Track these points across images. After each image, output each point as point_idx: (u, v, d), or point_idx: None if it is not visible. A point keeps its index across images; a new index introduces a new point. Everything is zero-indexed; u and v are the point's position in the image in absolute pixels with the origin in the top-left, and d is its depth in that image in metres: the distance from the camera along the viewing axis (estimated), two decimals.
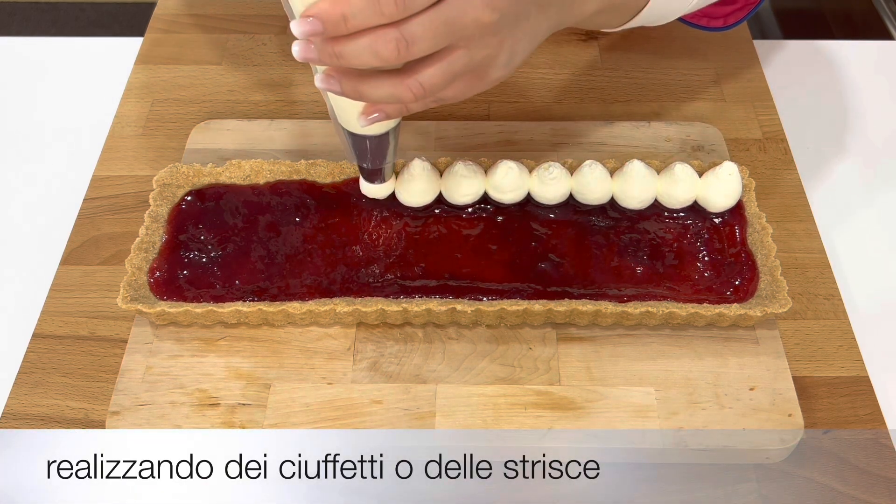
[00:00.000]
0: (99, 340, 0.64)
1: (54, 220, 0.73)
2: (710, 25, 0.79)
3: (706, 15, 0.79)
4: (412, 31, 0.48)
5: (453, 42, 0.50)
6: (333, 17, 0.47)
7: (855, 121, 0.82)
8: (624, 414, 0.59)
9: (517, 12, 0.52)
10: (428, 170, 0.67)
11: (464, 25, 0.49)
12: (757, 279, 0.63)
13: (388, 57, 0.48)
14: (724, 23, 0.79)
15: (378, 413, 0.59)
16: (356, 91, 0.52)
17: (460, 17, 0.48)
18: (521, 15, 0.52)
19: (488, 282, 0.63)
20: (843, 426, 0.60)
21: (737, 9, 0.78)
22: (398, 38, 0.47)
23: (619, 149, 0.75)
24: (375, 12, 0.46)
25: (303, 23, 0.47)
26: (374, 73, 0.51)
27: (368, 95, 0.52)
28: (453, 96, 0.54)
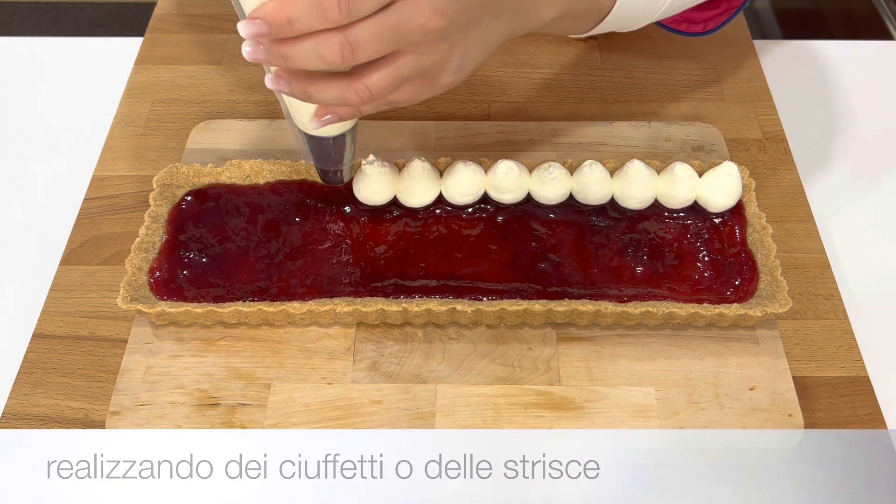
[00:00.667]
0: (99, 340, 0.64)
1: (54, 220, 0.73)
2: (689, 31, 0.79)
3: (686, 20, 0.78)
4: (357, 36, 0.48)
5: (401, 47, 0.50)
6: (279, 20, 0.47)
7: (855, 121, 0.82)
8: (624, 414, 0.59)
9: (468, 19, 0.51)
10: (428, 170, 0.67)
11: (410, 31, 0.49)
12: (757, 279, 0.63)
13: (333, 61, 0.48)
14: (704, 28, 0.79)
15: (378, 413, 0.59)
16: (304, 93, 0.52)
17: (407, 22, 0.48)
18: (472, 21, 0.52)
19: (488, 282, 0.63)
20: (843, 426, 0.60)
21: (717, 13, 0.78)
22: (343, 43, 0.47)
23: (619, 149, 0.75)
24: (319, 17, 0.47)
25: (249, 24, 0.48)
26: (323, 75, 0.51)
27: (316, 97, 0.52)
28: (404, 100, 0.54)
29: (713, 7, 0.78)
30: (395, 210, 0.67)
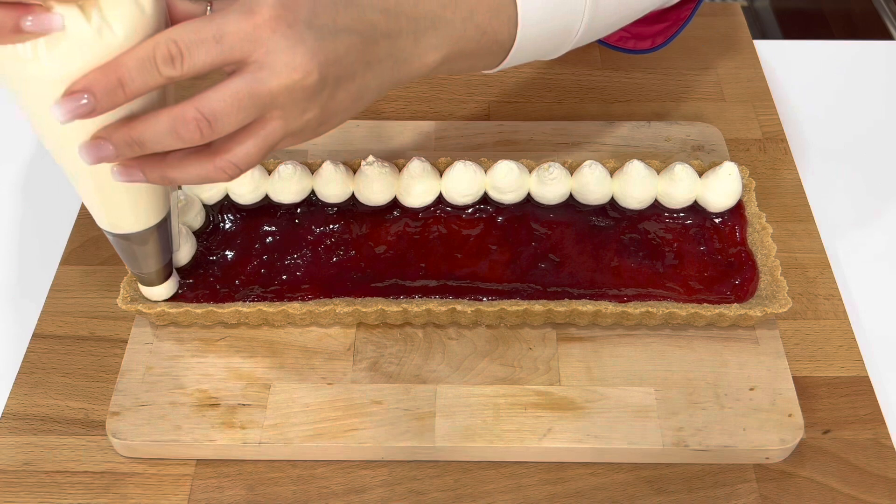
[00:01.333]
0: (99, 340, 0.64)
1: (54, 220, 0.73)
2: (637, 48, 0.78)
3: (634, 36, 0.77)
4: (212, 108, 0.43)
5: (263, 113, 0.45)
6: (109, 85, 0.42)
7: (855, 121, 0.82)
8: (624, 414, 0.59)
9: (337, 74, 0.46)
10: (428, 170, 0.67)
11: (272, 94, 0.44)
12: (757, 279, 0.63)
13: (192, 139, 0.43)
14: (653, 44, 0.77)
15: (378, 413, 0.59)
16: (163, 178, 0.46)
17: (266, 85, 0.43)
18: (342, 76, 0.46)
19: (488, 282, 0.63)
20: (843, 426, 0.60)
21: (666, 27, 0.76)
22: (198, 119, 0.43)
23: (619, 149, 0.75)
24: (152, 73, 0.42)
25: (69, 101, 0.42)
26: (180, 154, 0.46)
27: (178, 180, 0.47)
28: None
29: (661, 20, 0.76)
30: (395, 210, 0.67)
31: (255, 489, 0.57)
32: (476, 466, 0.58)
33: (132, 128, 0.44)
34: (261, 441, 0.57)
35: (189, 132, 0.43)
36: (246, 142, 0.45)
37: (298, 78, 0.44)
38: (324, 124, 0.48)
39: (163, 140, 0.44)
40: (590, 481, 0.57)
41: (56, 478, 0.57)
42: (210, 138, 0.44)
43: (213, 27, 0.42)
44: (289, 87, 0.44)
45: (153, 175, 0.46)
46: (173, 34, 0.42)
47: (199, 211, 0.66)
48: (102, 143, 0.44)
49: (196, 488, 0.57)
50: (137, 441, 0.57)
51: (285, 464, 0.58)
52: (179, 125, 0.43)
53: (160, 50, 0.42)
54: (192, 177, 0.46)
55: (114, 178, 0.47)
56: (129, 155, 0.45)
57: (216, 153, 0.46)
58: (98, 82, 0.42)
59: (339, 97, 0.47)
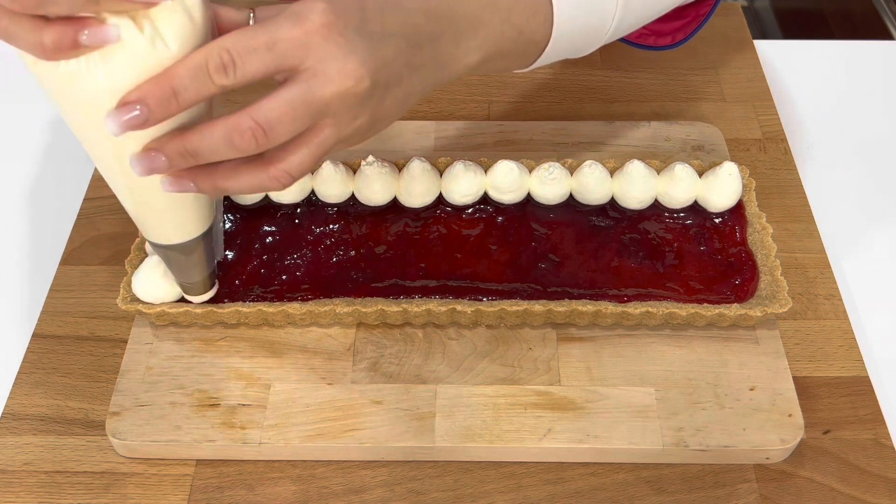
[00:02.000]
0: (99, 340, 0.64)
1: (54, 220, 0.73)
2: (657, 44, 0.78)
3: (653, 33, 0.77)
4: (267, 118, 0.43)
5: (316, 121, 0.45)
6: (162, 95, 0.42)
7: (855, 121, 0.82)
8: (624, 414, 0.59)
9: (387, 79, 0.46)
10: (428, 170, 0.67)
11: (325, 102, 0.44)
12: (757, 279, 0.63)
13: (247, 148, 0.43)
14: (673, 40, 0.77)
15: (378, 413, 0.59)
16: (216, 188, 0.46)
17: (319, 92, 0.43)
18: (391, 81, 0.46)
19: (488, 282, 0.63)
20: (843, 426, 0.60)
21: (685, 23, 0.77)
22: (253, 128, 0.43)
23: (619, 149, 0.75)
24: (205, 82, 0.42)
25: (123, 112, 0.41)
26: (234, 165, 0.46)
27: (231, 191, 0.47)
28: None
29: (681, 17, 0.76)
30: (395, 210, 0.67)
31: (255, 489, 0.57)
32: (476, 466, 0.58)
33: (186, 138, 0.44)
34: (261, 441, 0.57)
35: (245, 142, 0.43)
36: (299, 150, 0.45)
37: (351, 85, 0.44)
38: (372, 129, 0.48)
39: (218, 150, 0.44)
40: (590, 481, 0.57)
41: (56, 478, 0.57)
42: (265, 147, 0.44)
43: (265, 35, 0.42)
44: (342, 94, 0.44)
45: (205, 185, 0.46)
46: (225, 43, 0.42)
47: None
48: (155, 154, 0.44)
49: (196, 488, 0.57)
50: (137, 441, 0.57)
51: (285, 464, 0.58)
52: (235, 135, 0.43)
53: (213, 59, 0.42)
54: (244, 186, 0.46)
55: (164, 188, 0.46)
56: (181, 166, 0.45)
57: (270, 162, 0.46)
58: (151, 93, 0.42)
59: (387, 102, 0.47)
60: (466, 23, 0.50)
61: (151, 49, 0.42)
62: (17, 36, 0.40)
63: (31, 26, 0.39)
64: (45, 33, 0.39)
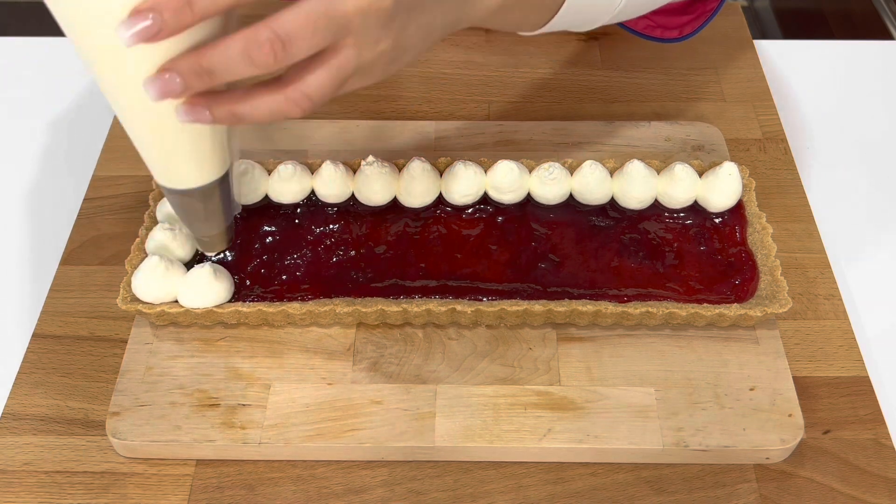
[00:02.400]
0: (99, 340, 0.64)
1: (54, 220, 0.73)
2: (664, 37, 0.78)
3: (661, 26, 0.77)
4: (286, 29, 0.41)
5: (337, 38, 0.42)
6: (176, 4, 0.39)
7: (855, 121, 0.82)
8: (624, 414, 0.59)
9: (411, 2, 0.44)
10: (428, 170, 0.67)
11: (346, 16, 0.42)
12: (757, 279, 0.63)
13: (265, 62, 0.41)
14: (680, 33, 0.78)
15: (378, 413, 0.59)
16: (232, 114, 0.44)
17: (340, 5, 0.41)
18: (414, 6, 0.45)
19: (488, 282, 0.63)
20: (843, 426, 0.60)
21: (692, 18, 0.77)
22: (272, 40, 0.40)
23: (619, 149, 0.75)
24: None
25: (135, 20, 0.39)
26: (248, 89, 0.44)
27: (248, 117, 0.44)
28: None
29: (688, 12, 0.77)
30: (395, 210, 0.67)
31: (255, 489, 0.57)
32: (476, 466, 0.58)
33: (201, 55, 0.41)
34: (261, 441, 0.57)
35: (263, 55, 0.41)
36: (317, 70, 0.43)
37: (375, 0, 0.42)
38: (394, 61, 0.46)
39: (235, 66, 0.41)
40: (590, 481, 0.57)
41: (56, 478, 0.57)
42: (283, 63, 0.42)
43: None
44: (364, 8, 0.42)
45: (220, 112, 0.44)
46: None
47: None
48: (169, 74, 0.42)
49: (196, 488, 0.57)
50: (137, 441, 0.57)
51: (285, 464, 0.58)
52: (253, 48, 0.41)
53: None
54: (262, 112, 0.44)
55: (179, 117, 0.44)
56: (197, 87, 0.42)
57: (287, 83, 0.43)
58: (164, 1, 0.39)
59: (410, 30, 0.45)
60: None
61: None
62: None
63: None
64: None
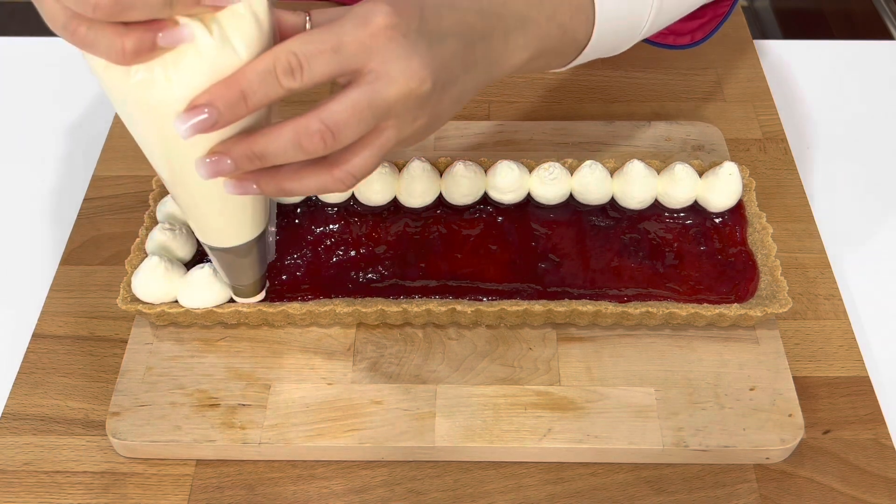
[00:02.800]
0: (99, 340, 0.64)
1: (54, 220, 0.73)
2: (676, 43, 0.78)
3: (672, 32, 0.78)
4: (335, 120, 0.43)
5: (379, 122, 0.45)
6: (231, 98, 0.42)
7: (855, 121, 0.82)
8: (624, 414, 0.59)
9: (445, 79, 0.47)
10: (428, 170, 0.67)
11: (389, 103, 0.44)
12: (757, 279, 0.63)
13: (315, 150, 0.44)
14: (691, 39, 0.78)
15: (378, 413, 0.59)
16: (280, 190, 0.47)
17: (384, 94, 0.44)
18: (448, 81, 0.47)
19: (488, 282, 0.63)
20: (843, 426, 0.60)
21: (703, 23, 0.77)
22: (322, 131, 0.43)
23: (619, 149, 0.75)
24: (273, 85, 0.42)
25: (192, 114, 0.42)
26: (298, 168, 0.46)
27: (295, 192, 0.47)
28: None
29: (698, 16, 0.77)
30: (395, 210, 0.67)
31: (255, 489, 0.57)
32: (476, 466, 0.58)
33: (253, 141, 0.44)
34: (261, 441, 0.57)
35: (313, 144, 0.43)
36: (363, 152, 0.46)
37: (415, 86, 0.45)
38: (429, 129, 0.49)
39: (285, 153, 0.44)
40: (590, 481, 0.57)
41: (56, 478, 0.57)
42: (332, 149, 0.44)
43: (331, 38, 0.43)
44: (405, 95, 0.44)
45: (268, 187, 0.46)
46: (292, 46, 0.42)
47: None
48: (221, 157, 0.44)
49: (196, 488, 0.57)
50: (137, 441, 0.57)
51: (285, 464, 0.58)
52: (304, 137, 0.43)
53: (280, 62, 0.42)
54: (308, 188, 0.46)
55: (227, 191, 0.46)
56: (247, 168, 0.45)
57: (334, 165, 0.46)
58: (221, 96, 0.42)
59: (444, 102, 0.48)
60: (515, 21, 0.51)
61: (220, 52, 0.42)
62: (96, 43, 0.40)
63: (111, 33, 0.40)
64: (126, 39, 0.40)
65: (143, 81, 0.42)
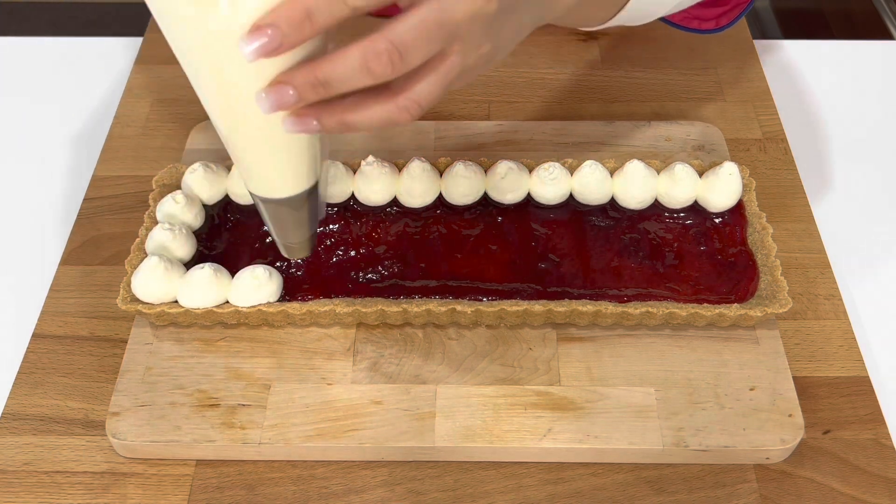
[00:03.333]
0: (99, 340, 0.64)
1: (54, 220, 0.73)
2: (701, 28, 0.79)
3: (697, 17, 0.78)
4: (403, 40, 0.41)
5: (446, 45, 0.43)
6: (296, 17, 0.40)
7: (855, 121, 0.82)
8: (624, 414, 0.59)
9: (508, 3, 0.45)
10: (428, 170, 0.67)
11: (457, 23, 0.42)
12: (757, 279, 0.63)
13: (383, 73, 0.41)
14: (716, 24, 0.78)
15: (378, 413, 0.59)
16: (342, 124, 0.44)
17: (452, 12, 0.42)
18: (509, 6, 0.45)
19: (488, 282, 0.63)
20: (844, 426, 0.60)
21: (728, 9, 0.78)
22: (390, 50, 0.41)
23: (619, 149, 0.75)
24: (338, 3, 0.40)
25: (256, 36, 0.40)
26: (360, 98, 0.44)
27: (358, 125, 0.44)
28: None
29: (722, 3, 0.77)
30: (395, 210, 0.67)
31: (255, 489, 0.57)
32: (476, 466, 0.58)
33: (317, 67, 0.41)
34: (261, 441, 0.57)
35: (381, 65, 0.41)
36: (428, 76, 0.43)
37: (482, 5, 0.43)
38: (490, 61, 0.47)
39: (352, 77, 0.41)
40: (590, 481, 0.57)
41: (56, 478, 0.57)
42: (399, 72, 0.42)
43: None
44: (473, 14, 0.43)
45: (330, 121, 0.44)
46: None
47: (199, 211, 0.66)
48: (283, 87, 0.42)
49: (196, 488, 0.57)
50: (137, 441, 0.57)
51: (285, 464, 0.58)
52: (371, 59, 0.41)
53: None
54: (372, 119, 0.44)
55: (287, 129, 0.44)
56: (311, 98, 0.42)
57: (398, 92, 0.43)
58: (285, 16, 0.40)
59: (505, 31, 0.46)
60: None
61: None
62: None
63: None
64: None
65: (206, 6, 0.40)
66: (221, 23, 0.40)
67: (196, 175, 0.67)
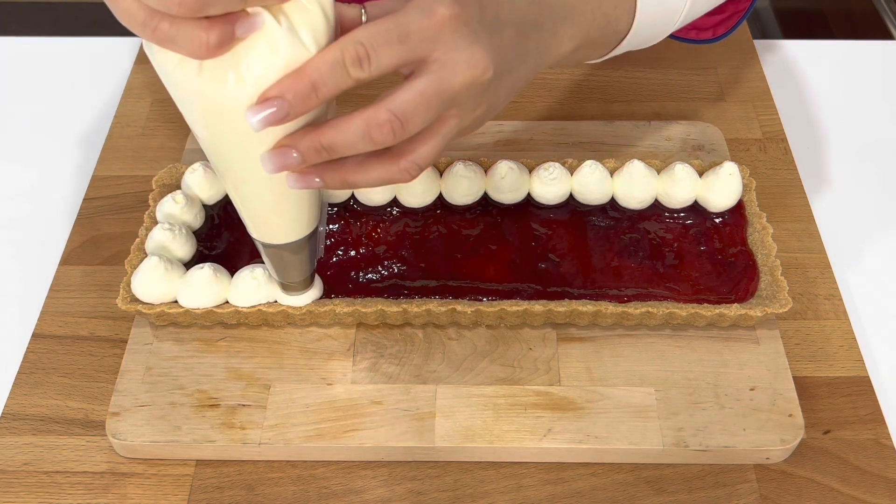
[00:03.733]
0: (99, 340, 0.64)
1: (54, 220, 0.73)
2: (698, 38, 0.79)
3: (695, 27, 0.78)
4: (403, 109, 0.43)
5: (444, 111, 0.45)
6: (302, 89, 0.42)
7: (855, 121, 0.82)
8: (624, 414, 0.59)
9: (503, 67, 0.47)
10: (428, 170, 0.67)
11: (455, 91, 0.44)
12: (757, 279, 0.63)
13: (384, 140, 0.44)
14: (714, 34, 0.78)
15: (378, 413, 0.59)
16: (344, 182, 0.47)
17: (450, 82, 0.44)
18: (505, 70, 0.47)
19: (488, 282, 0.63)
20: (844, 426, 0.60)
21: (725, 18, 0.78)
22: (391, 120, 0.43)
23: (619, 149, 0.75)
24: (342, 76, 0.42)
25: (263, 107, 0.42)
26: (363, 160, 0.46)
27: (360, 184, 0.47)
28: None
29: (720, 12, 0.77)
30: (395, 210, 0.67)
31: (255, 489, 0.57)
32: (476, 466, 0.58)
33: (322, 133, 0.44)
34: (261, 441, 0.57)
35: (382, 134, 0.43)
36: (429, 141, 0.46)
37: (478, 74, 0.45)
38: (486, 118, 0.49)
39: (356, 144, 0.44)
40: (590, 481, 0.57)
41: (56, 478, 0.57)
42: (400, 139, 0.44)
43: (396, 28, 0.43)
44: (469, 83, 0.45)
45: (333, 180, 0.46)
46: (359, 37, 0.42)
47: (200, 211, 0.66)
48: (288, 150, 0.44)
49: (196, 488, 0.57)
50: (137, 441, 0.57)
51: (285, 464, 0.58)
52: (373, 128, 0.43)
53: (348, 52, 0.42)
54: (373, 179, 0.46)
55: (290, 185, 0.46)
56: (314, 161, 0.45)
57: (399, 155, 0.46)
58: (291, 87, 0.42)
59: (501, 91, 0.48)
60: (564, 10, 0.52)
61: (290, 44, 0.42)
62: (177, 39, 0.40)
63: (194, 27, 0.40)
64: (210, 32, 0.40)
65: (214, 78, 0.42)
66: (229, 94, 0.42)
67: (196, 175, 0.67)
